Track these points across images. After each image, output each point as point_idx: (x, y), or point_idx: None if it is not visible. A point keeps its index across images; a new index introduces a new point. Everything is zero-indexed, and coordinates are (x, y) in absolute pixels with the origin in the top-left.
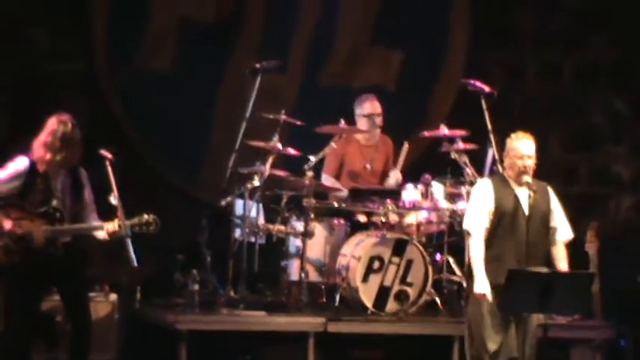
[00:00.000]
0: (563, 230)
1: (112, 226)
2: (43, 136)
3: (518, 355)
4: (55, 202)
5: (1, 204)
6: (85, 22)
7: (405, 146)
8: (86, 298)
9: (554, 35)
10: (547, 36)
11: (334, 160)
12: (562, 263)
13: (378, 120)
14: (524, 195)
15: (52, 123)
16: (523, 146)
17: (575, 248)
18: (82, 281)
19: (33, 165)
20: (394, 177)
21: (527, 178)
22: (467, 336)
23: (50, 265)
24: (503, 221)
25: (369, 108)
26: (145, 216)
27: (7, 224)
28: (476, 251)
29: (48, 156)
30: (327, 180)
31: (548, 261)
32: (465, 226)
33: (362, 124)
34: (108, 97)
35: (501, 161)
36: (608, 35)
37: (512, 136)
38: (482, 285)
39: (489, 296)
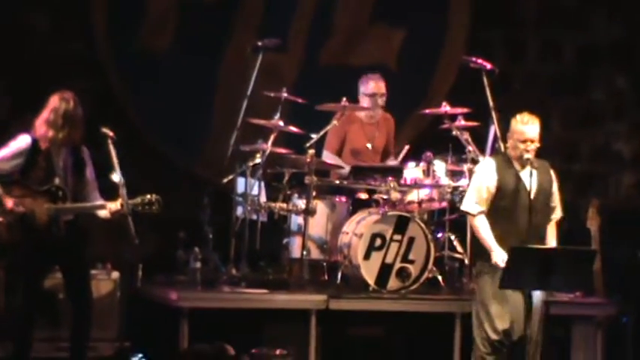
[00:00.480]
0: (557, 209)
1: (115, 205)
2: (45, 114)
3: (526, 333)
4: (57, 180)
5: (4, 182)
6: (86, 3)
7: (406, 148)
8: (88, 276)
9: (555, 12)
10: (548, 13)
11: (335, 137)
12: (552, 241)
13: (381, 100)
14: (527, 175)
15: (54, 100)
16: (527, 130)
17: (576, 225)
18: (84, 259)
19: (35, 143)
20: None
21: (529, 156)
22: (475, 317)
23: (52, 243)
24: (507, 202)
25: (373, 87)
26: (148, 196)
27: (10, 202)
28: (481, 227)
29: (50, 133)
30: (328, 157)
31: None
32: (464, 207)
33: (365, 102)
34: (109, 77)
35: (503, 139)
36: (610, 13)
37: (518, 117)
38: (499, 254)
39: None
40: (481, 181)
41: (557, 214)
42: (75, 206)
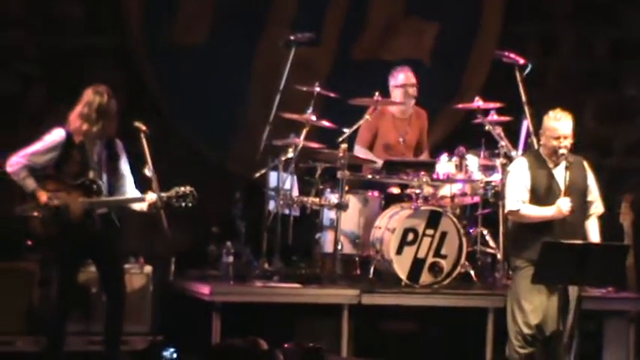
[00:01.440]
0: (597, 204)
1: (150, 197)
2: (80, 107)
3: (560, 328)
4: (91, 174)
5: (38, 176)
6: None
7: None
8: (122, 270)
9: (588, 7)
10: (582, 8)
11: (367, 132)
12: (595, 236)
13: (412, 90)
14: (560, 172)
15: (88, 94)
16: (560, 127)
17: (609, 220)
18: (118, 253)
19: (69, 136)
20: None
21: (564, 151)
22: (509, 312)
23: (86, 237)
24: (540, 199)
25: (403, 79)
26: (182, 188)
27: (44, 196)
28: (530, 211)
29: (84, 127)
30: (359, 151)
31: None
32: (508, 209)
33: (396, 95)
34: (142, 70)
35: (536, 134)
36: None
37: (551, 114)
38: (561, 204)
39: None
40: (516, 181)
41: (598, 208)
42: (110, 199)
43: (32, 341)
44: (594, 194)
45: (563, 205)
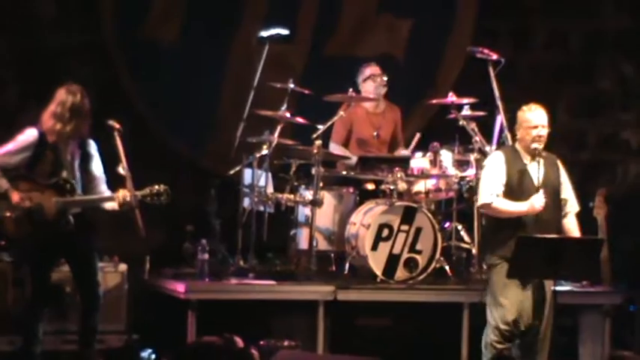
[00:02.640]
0: (572, 202)
1: (123, 196)
2: (52, 107)
3: (536, 323)
4: (64, 174)
5: (11, 176)
6: None
7: (417, 136)
8: (96, 269)
9: (561, 2)
10: (554, 1)
11: (342, 128)
12: (576, 234)
13: (381, 80)
14: (534, 168)
15: (61, 93)
16: (536, 116)
17: (583, 214)
18: (92, 252)
19: (42, 136)
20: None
21: (538, 146)
22: (487, 307)
23: (60, 236)
24: (514, 194)
25: (369, 71)
26: (156, 186)
27: (16, 197)
28: (503, 205)
29: (57, 126)
30: (335, 148)
31: (561, 232)
32: (480, 202)
33: (367, 88)
34: (116, 68)
35: (510, 129)
36: (616, 1)
37: (524, 108)
38: (535, 200)
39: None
40: (491, 174)
41: (574, 207)
42: (83, 199)
43: (6, 341)
44: (568, 192)
45: (537, 201)
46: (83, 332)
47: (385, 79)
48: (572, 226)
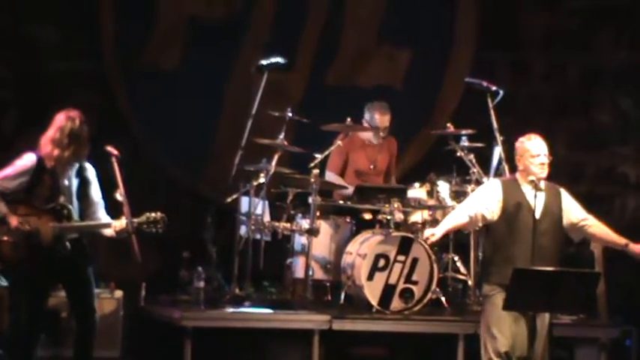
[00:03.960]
0: (588, 217)
1: (120, 223)
2: (51, 132)
3: (530, 355)
4: (62, 199)
5: (9, 200)
6: (94, 20)
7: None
8: (92, 295)
9: (560, 35)
10: (553, 35)
11: (338, 157)
12: (611, 235)
13: (384, 133)
14: (531, 197)
15: (60, 119)
16: (537, 145)
17: (580, 248)
18: (88, 278)
19: (40, 161)
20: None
21: (541, 174)
22: (481, 338)
23: (56, 261)
24: (512, 223)
25: (377, 120)
26: (153, 214)
27: (14, 221)
28: (450, 215)
29: (55, 152)
30: (330, 177)
31: (561, 263)
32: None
33: (367, 129)
34: (115, 94)
35: (507, 160)
36: (615, 35)
37: (522, 139)
38: (437, 229)
39: (436, 236)
40: (479, 195)
41: (590, 219)
42: (80, 225)
43: None
44: (580, 213)
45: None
46: (78, 358)
47: (387, 129)
48: (603, 229)
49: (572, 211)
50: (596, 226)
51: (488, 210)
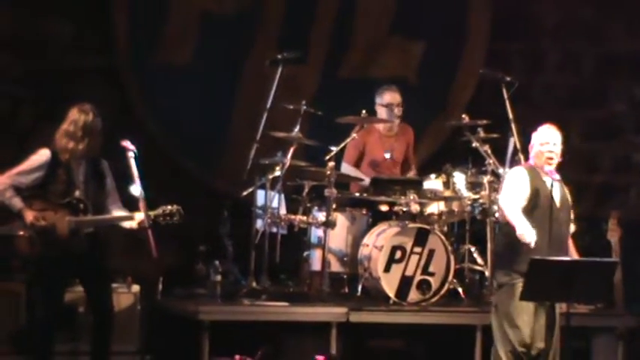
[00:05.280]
0: (573, 223)
1: (142, 215)
2: (65, 126)
3: (549, 346)
4: (77, 193)
5: (25, 196)
6: (108, 16)
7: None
8: (109, 289)
9: (574, 24)
10: (567, 25)
11: (354, 149)
12: (574, 254)
13: (397, 110)
14: (549, 185)
15: (73, 113)
16: (548, 133)
17: (597, 237)
18: (105, 272)
19: (55, 156)
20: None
21: (551, 164)
22: (497, 329)
23: (73, 256)
24: (537, 211)
25: (388, 98)
26: (169, 207)
27: (30, 216)
28: (512, 209)
29: (70, 145)
30: (347, 169)
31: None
32: (501, 202)
33: (382, 113)
34: (130, 90)
35: (523, 151)
36: (628, 23)
37: (539, 128)
38: (527, 230)
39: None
40: (515, 185)
41: (572, 228)
42: (97, 218)
43: None
44: (571, 213)
45: (529, 237)
46: (96, 353)
47: (401, 108)
48: (571, 247)
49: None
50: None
51: (523, 197)
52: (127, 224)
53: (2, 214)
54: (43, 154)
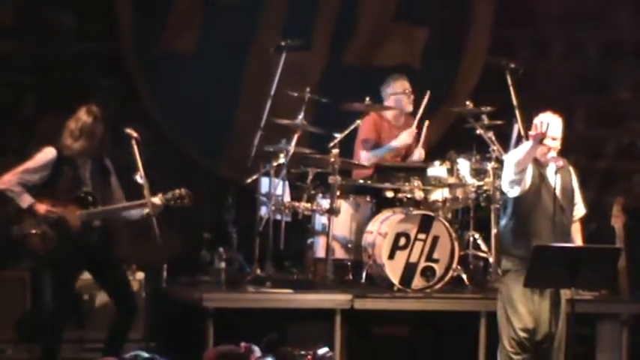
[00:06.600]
0: (580, 206)
1: (157, 200)
2: (70, 122)
3: (553, 332)
4: (85, 188)
5: (32, 194)
6: (112, 3)
7: (426, 123)
8: (126, 277)
9: (578, 10)
10: (572, 11)
11: (372, 137)
12: (578, 239)
13: (410, 98)
14: (552, 173)
15: (80, 111)
16: (542, 121)
17: (601, 223)
18: (117, 263)
19: (60, 153)
20: (417, 154)
21: (553, 154)
22: (501, 316)
23: (85, 248)
24: (537, 196)
25: (399, 86)
26: (177, 190)
27: (42, 208)
28: (515, 152)
29: (68, 141)
30: (370, 158)
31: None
32: (506, 161)
33: (397, 101)
34: (134, 77)
35: (527, 137)
36: (634, 10)
37: (540, 115)
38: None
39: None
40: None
41: (581, 210)
42: (106, 208)
43: (25, 349)
44: (578, 197)
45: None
46: (114, 340)
47: (412, 97)
48: (575, 231)
49: (576, 193)
50: (577, 217)
51: (529, 175)
52: (135, 213)
53: (12, 214)
54: (48, 152)
